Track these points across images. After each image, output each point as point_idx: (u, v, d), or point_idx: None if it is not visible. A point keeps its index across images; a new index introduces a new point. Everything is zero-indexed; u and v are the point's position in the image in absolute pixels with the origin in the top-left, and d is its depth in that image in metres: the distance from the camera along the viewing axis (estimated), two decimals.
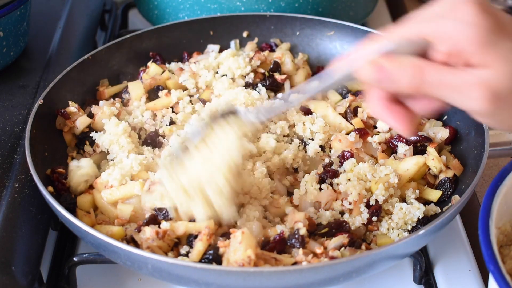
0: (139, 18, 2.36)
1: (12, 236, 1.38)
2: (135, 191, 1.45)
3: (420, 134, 1.59)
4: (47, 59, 1.90)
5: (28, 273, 1.38)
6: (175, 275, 1.30)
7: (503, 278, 1.06)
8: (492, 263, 1.08)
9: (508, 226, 1.32)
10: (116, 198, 1.46)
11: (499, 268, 1.07)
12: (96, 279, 1.51)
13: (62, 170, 1.54)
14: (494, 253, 1.09)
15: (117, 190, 1.46)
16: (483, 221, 1.15)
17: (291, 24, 1.98)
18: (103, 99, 1.76)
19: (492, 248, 1.10)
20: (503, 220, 1.30)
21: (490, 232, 1.13)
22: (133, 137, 1.63)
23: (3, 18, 1.73)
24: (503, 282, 1.05)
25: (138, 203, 1.45)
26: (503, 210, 1.26)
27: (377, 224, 1.45)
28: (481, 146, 1.51)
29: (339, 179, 1.49)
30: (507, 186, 1.23)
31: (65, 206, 1.37)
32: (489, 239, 1.12)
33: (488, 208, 1.18)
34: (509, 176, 1.24)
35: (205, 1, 2.03)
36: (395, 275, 1.51)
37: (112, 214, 1.47)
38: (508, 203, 1.26)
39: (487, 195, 1.20)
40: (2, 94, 1.74)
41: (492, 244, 1.11)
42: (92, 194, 1.51)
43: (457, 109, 1.66)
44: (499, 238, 1.32)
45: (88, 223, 1.39)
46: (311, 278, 1.26)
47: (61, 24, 2.05)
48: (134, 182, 1.46)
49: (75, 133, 1.67)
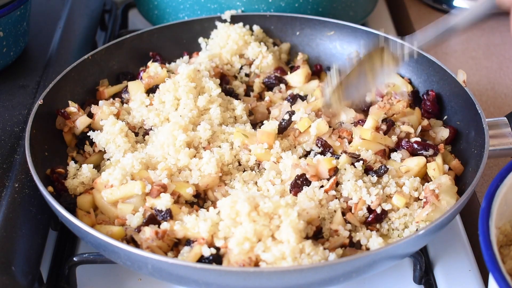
0: (139, 18, 2.36)
1: (12, 236, 1.38)
2: (135, 190, 1.45)
3: (427, 142, 1.59)
4: (47, 59, 1.90)
5: (28, 273, 1.38)
6: (175, 275, 1.30)
7: (503, 278, 1.06)
8: (492, 263, 1.08)
9: (508, 226, 1.32)
10: (117, 198, 1.46)
11: (499, 268, 1.07)
12: (96, 279, 1.51)
13: (62, 170, 1.54)
14: (494, 253, 1.09)
15: (117, 190, 1.46)
16: (483, 221, 1.15)
17: (291, 24, 1.98)
18: (103, 99, 1.76)
19: (492, 248, 1.10)
20: (503, 220, 1.30)
21: (490, 233, 1.13)
22: (129, 136, 1.63)
23: (3, 18, 1.73)
24: (503, 282, 1.05)
25: (138, 202, 1.46)
26: (503, 210, 1.26)
27: (378, 226, 1.46)
28: (481, 146, 1.51)
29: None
30: (507, 186, 1.23)
31: (65, 206, 1.37)
32: (489, 239, 1.12)
33: (488, 208, 1.18)
34: (509, 176, 1.24)
35: (205, 1, 2.03)
36: (395, 275, 1.51)
37: (112, 214, 1.47)
38: (508, 203, 1.26)
39: (487, 195, 1.20)
40: (2, 94, 1.74)
41: (492, 244, 1.11)
42: (92, 194, 1.51)
43: (457, 109, 1.68)
44: (499, 238, 1.32)
45: (88, 223, 1.39)
46: (311, 278, 1.27)
47: (61, 24, 2.05)
48: (135, 182, 1.46)
49: (75, 133, 1.67)
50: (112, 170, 1.50)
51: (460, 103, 1.67)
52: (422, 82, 1.81)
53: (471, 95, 1.62)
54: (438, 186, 1.47)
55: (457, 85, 1.67)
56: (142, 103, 1.71)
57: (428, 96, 1.74)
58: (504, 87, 2.11)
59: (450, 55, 2.27)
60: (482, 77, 2.16)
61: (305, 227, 1.34)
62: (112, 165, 1.56)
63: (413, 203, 1.49)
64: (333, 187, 1.48)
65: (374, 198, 1.45)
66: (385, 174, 1.52)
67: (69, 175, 1.55)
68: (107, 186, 1.48)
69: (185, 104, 1.65)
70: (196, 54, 1.93)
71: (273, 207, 1.33)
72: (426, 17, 2.48)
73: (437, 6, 2.50)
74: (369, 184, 1.50)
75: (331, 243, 1.37)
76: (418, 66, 1.81)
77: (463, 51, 2.29)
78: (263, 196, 1.40)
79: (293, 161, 1.53)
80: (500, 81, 2.14)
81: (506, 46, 2.31)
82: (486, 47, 2.31)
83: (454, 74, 1.70)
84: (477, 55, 2.27)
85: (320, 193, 1.46)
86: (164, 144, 1.56)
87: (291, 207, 1.34)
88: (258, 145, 1.58)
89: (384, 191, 1.49)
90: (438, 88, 1.75)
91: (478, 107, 1.58)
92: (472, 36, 2.37)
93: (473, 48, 2.30)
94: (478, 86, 2.11)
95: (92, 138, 1.63)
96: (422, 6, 2.55)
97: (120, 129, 1.60)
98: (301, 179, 1.48)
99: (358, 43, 1.91)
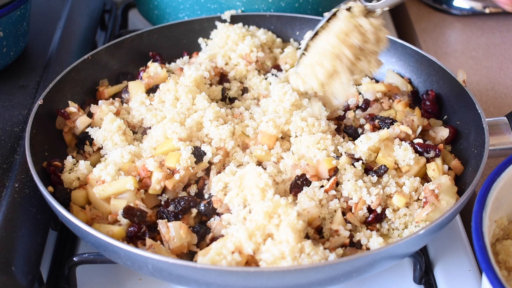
0: (139, 18, 2.36)
1: (12, 236, 1.38)
2: (127, 186, 1.45)
3: (428, 143, 1.59)
4: (47, 59, 1.90)
5: (28, 273, 1.38)
6: (175, 275, 1.30)
7: (493, 272, 1.05)
8: (482, 253, 1.08)
9: (505, 220, 1.33)
10: (109, 194, 1.46)
11: (489, 259, 1.07)
12: (96, 279, 1.51)
13: (59, 163, 1.54)
14: (485, 244, 1.09)
15: (109, 186, 1.46)
16: (477, 212, 1.16)
17: (291, 24, 1.98)
18: (103, 99, 1.76)
19: (483, 239, 1.10)
20: (500, 214, 1.31)
21: (483, 223, 1.13)
22: (127, 135, 1.63)
23: (3, 18, 1.73)
24: (494, 278, 1.05)
25: (131, 198, 1.46)
26: (500, 204, 1.26)
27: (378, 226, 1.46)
28: (481, 146, 1.51)
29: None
30: (505, 180, 1.23)
31: (60, 201, 1.37)
32: (481, 230, 1.12)
33: (483, 200, 1.18)
34: (507, 170, 1.24)
35: (205, 1, 2.03)
36: (395, 275, 1.51)
37: (105, 210, 1.47)
38: (505, 197, 1.27)
39: (483, 187, 1.21)
40: (2, 94, 1.74)
41: (484, 235, 1.11)
42: (86, 189, 1.51)
43: (457, 109, 1.68)
44: (495, 231, 1.33)
45: (83, 219, 1.40)
46: (311, 277, 1.27)
47: (61, 24, 2.05)
48: (126, 177, 1.46)
49: (75, 133, 1.67)
50: (104, 165, 1.49)
51: (460, 103, 1.67)
52: (422, 82, 1.81)
53: (471, 95, 1.62)
54: (438, 186, 1.47)
55: (457, 85, 1.67)
56: (142, 103, 1.71)
57: (427, 96, 1.74)
58: (504, 87, 2.11)
59: (450, 55, 2.27)
60: (482, 77, 2.16)
61: (304, 227, 1.35)
62: (105, 160, 1.55)
63: (413, 203, 1.49)
64: (333, 187, 1.48)
65: (374, 198, 1.46)
66: (385, 174, 1.52)
67: (66, 168, 1.55)
68: (99, 181, 1.47)
69: (182, 103, 1.66)
70: (196, 54, 1.93)
71: (273, 207, 1.33)
72: (426, 17, 2.48)
73: (437, 6, 2.50)
74: (369, 184, 1.50)
75: (331, 243, 1.38)
76: (418, 66, 1.81)
77: (463, 51, 2.29)
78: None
79: (293, 161, 1.53)
80: (500, 81, 2.14)
81: (506, 46, 2.31)
82: (486, 47, 2.31)
83: (454, 74, 1.70)
84: (477, 55, 2.27)
85: (320, 193, 1.46)
86: (158, 137, 1.57)
87: (291, 207, 1.34)
88: (258, 146, 1.58)
89: (384, 191, 1.49)
90: (438, 88, 1.75)
91: (478, 107, 1.58)
92: (472, 36, 2.37)
93: (473, 48, 2.31)
94: (478, 86, 2.11)
95: (91, 134, 1.63)
96: (422, 6, 2.55)
97: (118, 126, 1.60)
98: (301, 179, 1.48)
99: None
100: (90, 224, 1.45)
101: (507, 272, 1.28)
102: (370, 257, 1.27)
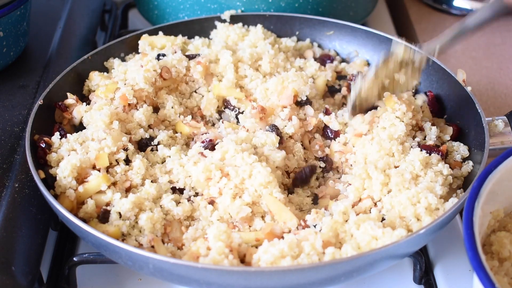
0: (139, 18, 2.36)
1: (12, 236, 1.38)
2: (102, 188, 1.44)
3: (428, 145, 1.59)
4: (47, 59, 1.90)
5: (28, 273, 1.38)
6: (176, 275, 1.30)
7: (482, 266, 1.06)
8: (470, 242, 1.09)
9: (501, 212, 1.34)
10: (88, 196, 1.44)
11: (476, 248, 1.08)
12: (96, 279, 1.51)
13: (50, 140, 1.53)
14: (474, 232, 1.10)
15: (84, 192, 1.43)
16: (469, 200, 1.16)
17: (291, 24, 1.98)
18: None
19: (472, 228, 1.11)
20: (496, 206, 1.31)
21: (474, 213, 1.14)
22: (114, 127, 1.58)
23: (3, 18, 1.73)
24: (482, 272, 1.05)
25: (110, 190, 1.45)
26: (496, 195, 1.27)
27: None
28: (481, 145, 1.51)
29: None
30: (502, 172, 1.24)
31: (46, 186, 1.38)
32: (471, 219, 1.13)
33: (477, 190, 1.19)
34: (505, 163, 1.25)
35: (205, 1, 2.03)
36: (395, 275, 1.52)
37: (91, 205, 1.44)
38: (501, 189, 1.28)
39: (478, 178, 1.22)
40: (2, 94, 1.74)
41: (474, 223, 1.12)
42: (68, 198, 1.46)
43: (457, 108, 1.68)
44: (490, 222, 1.33)
45: (68, 207, 1.39)
46: (312, 277, 1.27)
47: (61, 24, 2.05)
48: (97, 177, 1.44)
49: (75, 124, 1.66)
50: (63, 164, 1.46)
51: (460, 103, 1.67)
52: (422, 82, 1.81)
53: (471, 94, 1.62)
54: None
55: (457, 84, 1.68)
56: None
57: (427, 96, 1.74)
58: (504, 87, 2.11)
59: (450, 55, 2.27)
60: (482, 77, 2.16)
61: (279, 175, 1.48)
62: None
63: None
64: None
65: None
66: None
67: (53, 148, 1.53)
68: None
69: None
70: None
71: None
72: (426, 17, 2.48)
73: (437, 6, 2.50)
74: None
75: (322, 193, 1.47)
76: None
77: (463, 51, 2.29)
78: None
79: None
80: (500, 81, 2.14)
81: (506, 46, 2.31)
82: (486, 47, 2.31)
83: (454, 74, 1.70)
84: (477, 55, 2.27)
85: None
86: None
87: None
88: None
89: None
90: (438, 87, 1.76)
91: (478, 106, 1.58)
92: (472, 36, 2.36)
93: (473, 48, 2.31)
94: (478, 86, 2.11)
95: (83, 116, 1.63)
96: (422, 6, 2.55)
97: (109, 115, 1.58)
98: None
99: (357, 43, 1.91)
100: (76, 212, 1.42)
101: (498, 263, 1.28)
102: (370, 257, 1.27)
